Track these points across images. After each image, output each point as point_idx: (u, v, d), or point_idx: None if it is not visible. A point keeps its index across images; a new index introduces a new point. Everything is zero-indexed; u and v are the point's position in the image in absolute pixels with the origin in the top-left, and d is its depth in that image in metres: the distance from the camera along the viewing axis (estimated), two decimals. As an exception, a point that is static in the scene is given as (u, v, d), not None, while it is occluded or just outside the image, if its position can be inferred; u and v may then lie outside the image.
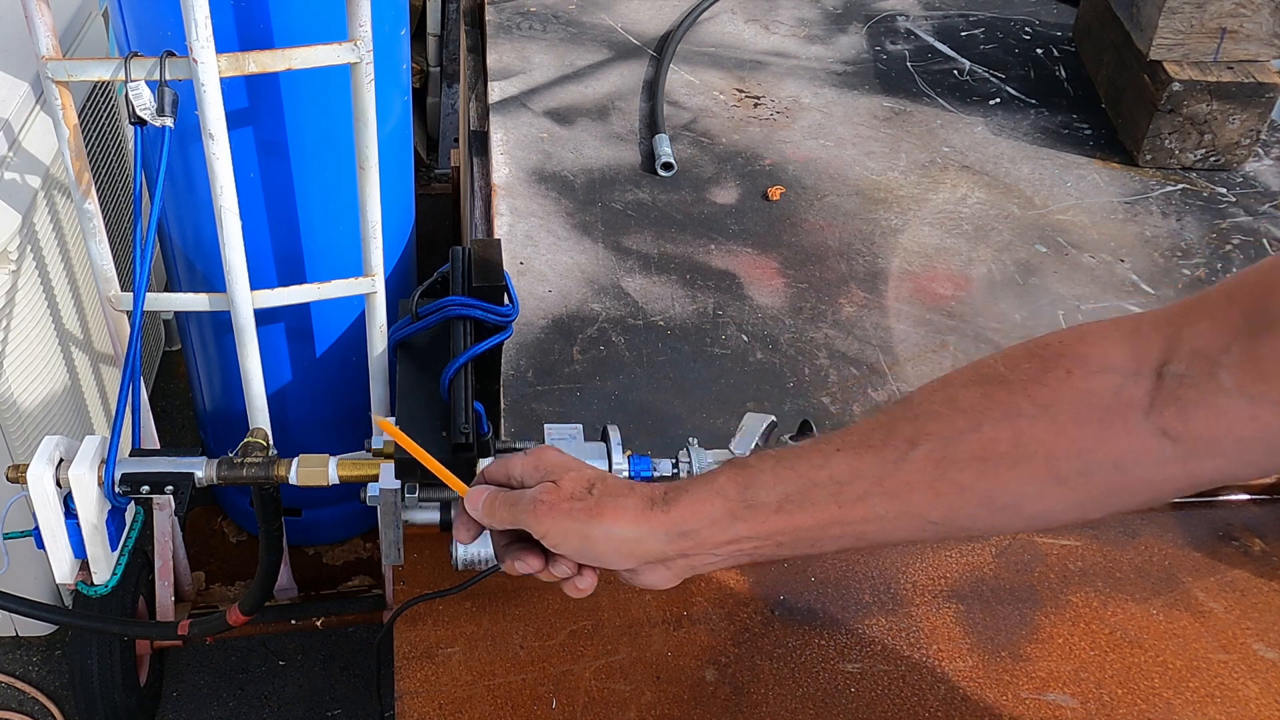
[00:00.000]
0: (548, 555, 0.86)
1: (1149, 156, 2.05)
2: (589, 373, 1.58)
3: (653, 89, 2.19)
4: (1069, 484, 0.71)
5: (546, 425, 1.16)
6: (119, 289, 1.44)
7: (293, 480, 1.15)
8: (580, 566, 0.86)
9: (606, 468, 1.11)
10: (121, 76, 1.24)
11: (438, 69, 3.19)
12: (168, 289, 1.87)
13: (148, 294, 1.35)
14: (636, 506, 0.81)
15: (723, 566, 0.83)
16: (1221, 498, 1.47)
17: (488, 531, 0.91)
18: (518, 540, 0.88)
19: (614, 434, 1.14)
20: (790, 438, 1.19)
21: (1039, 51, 2.40)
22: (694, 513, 0.80)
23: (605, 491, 0.83)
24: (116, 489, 1.13)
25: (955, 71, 2.32)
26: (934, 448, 0.73)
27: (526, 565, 0.87)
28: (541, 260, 1.77)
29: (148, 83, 1.24)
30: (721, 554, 0.81)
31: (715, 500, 0.80)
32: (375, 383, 1.58)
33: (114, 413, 1.75)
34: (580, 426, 1.16)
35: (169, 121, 1.24)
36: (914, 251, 1.84)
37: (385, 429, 0.99)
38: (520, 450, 1.14)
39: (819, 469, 0.77)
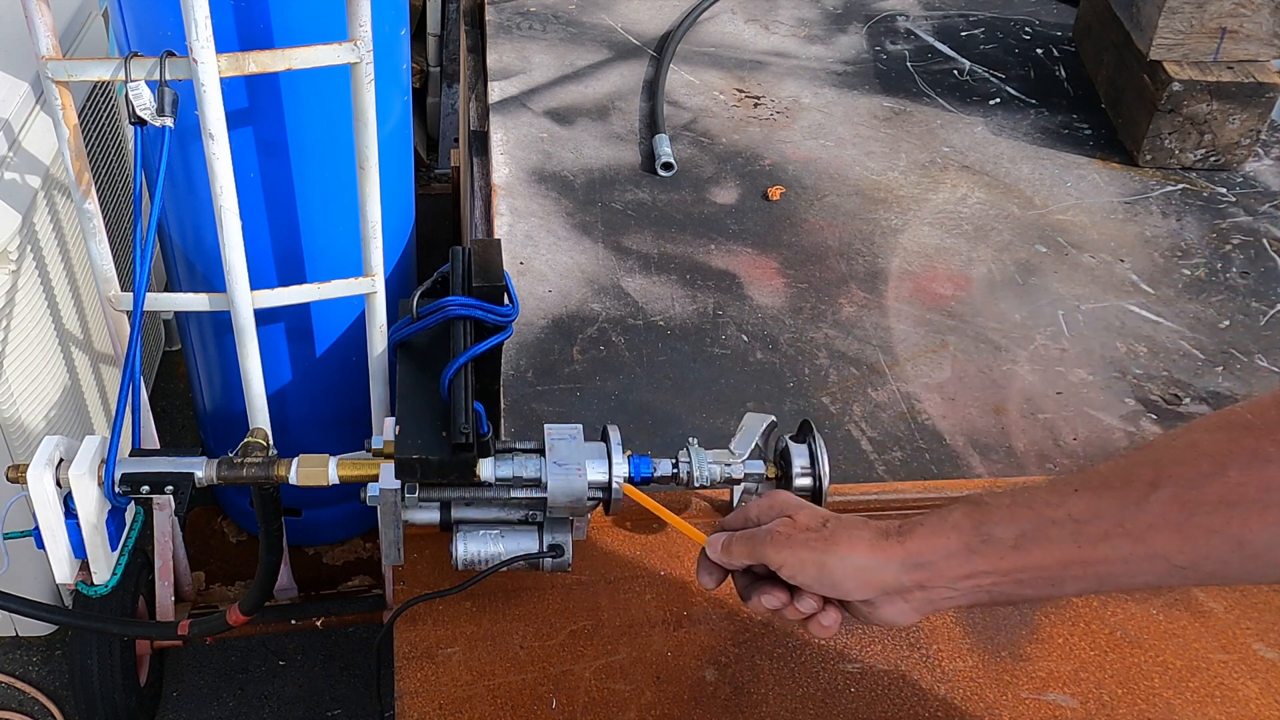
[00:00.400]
0: (791, 592, 0.90)
1: (1149, 156, 2.05)
2: (589, 373, 1.58)
3: (653, 89, 2.19)
4: None
5: (546, 425, 1.15)
6: (119, 289, 1.44)
7: (293, 480, 1.15)
8: (825, 603, 0.89)
9: (606, 468, 1.11)
10: (121, 76, 1.24)
11: (438, 69, 3.19)
12: (168, 289, 1.87)
13: (148, 294, 1.35)
14: (871, 537, 0.85)
15: (963, 604, 0.84)
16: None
17: (491, 530, 0.91)
18: (760, 580, 0.92)
19: (614, 434, 1.14)
20: (791, 438, 1.19)
21: (1039, 51, 2.40)
22: (929, 545, 0.82)
23: (840, 525, 0.87)
24: (116, 489, 1.13)
25: (955, 71, 2.32)
26: (1177, 491, 0.72)
27: (774, 599, 0.90)
28: (541, 260, 1.77)
29: (148, 83, 1.24)
30: (960, 589, 0.82)
31: (950, 534, 0.82)
32: (375, 383, 1.58)
33: (114, 413, 1.75)
34: (580, 426, 1.16)
35: (169, 121, 1.24)
36: (914, 251, 1.84)
37: (627, 492, 1.07)
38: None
39: (1056, 508, 0.78)
